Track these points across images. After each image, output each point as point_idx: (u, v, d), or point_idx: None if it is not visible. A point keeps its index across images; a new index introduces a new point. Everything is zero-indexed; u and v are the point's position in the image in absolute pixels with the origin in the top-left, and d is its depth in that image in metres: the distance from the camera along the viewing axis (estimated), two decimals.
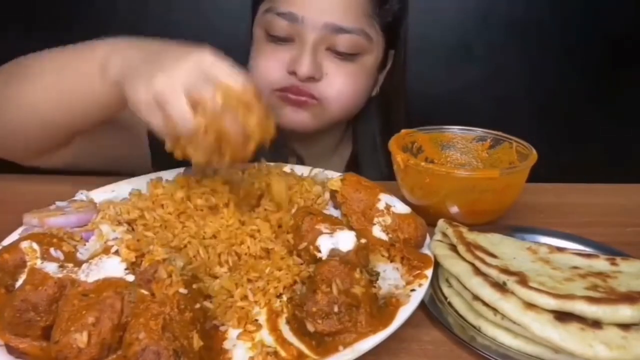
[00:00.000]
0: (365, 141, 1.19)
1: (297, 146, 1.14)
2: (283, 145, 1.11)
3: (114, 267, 0.58)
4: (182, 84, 0.63)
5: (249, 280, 0.63)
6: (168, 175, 0.87)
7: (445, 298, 0.67)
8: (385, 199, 0.74)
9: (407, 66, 1.16)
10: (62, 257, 0.62)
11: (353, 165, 1.17)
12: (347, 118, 1.12)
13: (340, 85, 1.00)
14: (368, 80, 1.07)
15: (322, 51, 0.98)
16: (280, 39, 0.99)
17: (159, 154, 0.93)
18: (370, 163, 1.16)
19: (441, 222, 0.75)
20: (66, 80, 0.82)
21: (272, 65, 1.00)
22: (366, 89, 1.08)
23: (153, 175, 0.87)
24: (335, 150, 1.21)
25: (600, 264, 0.67)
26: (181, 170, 0.91)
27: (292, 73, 0.98)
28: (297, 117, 1.02)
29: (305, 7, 0.96)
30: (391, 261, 0.68)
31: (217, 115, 0.62)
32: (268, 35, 1.00)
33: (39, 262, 0.60)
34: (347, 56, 1.00)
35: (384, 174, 1.12)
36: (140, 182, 0.85)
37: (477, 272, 0.63)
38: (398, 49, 1.11)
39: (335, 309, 0.55)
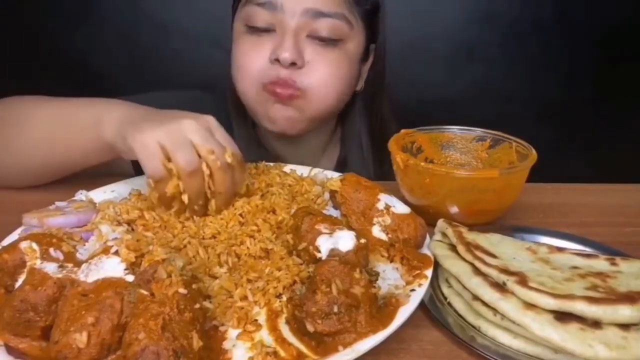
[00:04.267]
0: (352, 142, 1.17)
1: (283, 150, 1.13)
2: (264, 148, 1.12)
3: (113, 267, 0.58)
4: (190, 133, 0.70)
5: (249, 281, 0.63)
6: None
7: (445, 298, 0.67)
8: (384, 199, 0.74)
9: (387, 64, 1.15)
10: (61, 257, 0.62)
11: (342, 167, 1.16)
12: (333, 110, 1.07)
13: (322, 73, 0.98)
14: (351, 68, 1.04)
15: (303, 39, 0.96)
16: (261, 30, 0.98)
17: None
18: (358, 163, 1.15)
19: (441, 222, 0.75)
20: (59, 132, 0.85)
21: (253, 56, 0.98)
22: (349, 79, 1.04)
23: None
24: (324, 153, 1.19)
25: (600, 264, 0.67)
26: None
27: (275, 61, 0.96)
28: (285, 113, 1.00)
29: None
30: (391, 261, 0.68)
31: (220, 168, 0.71)
32: (248, 28, 0.99)
33: (38, 262, 0.60)
34: (328, 42, 0.98)
35: (372, 173, 1.12)
36: (140, 182, 0.85)
37: (477, 272, 0.63)
38: (378, 45, 1.10)
39: (335, 309, 0.55)
